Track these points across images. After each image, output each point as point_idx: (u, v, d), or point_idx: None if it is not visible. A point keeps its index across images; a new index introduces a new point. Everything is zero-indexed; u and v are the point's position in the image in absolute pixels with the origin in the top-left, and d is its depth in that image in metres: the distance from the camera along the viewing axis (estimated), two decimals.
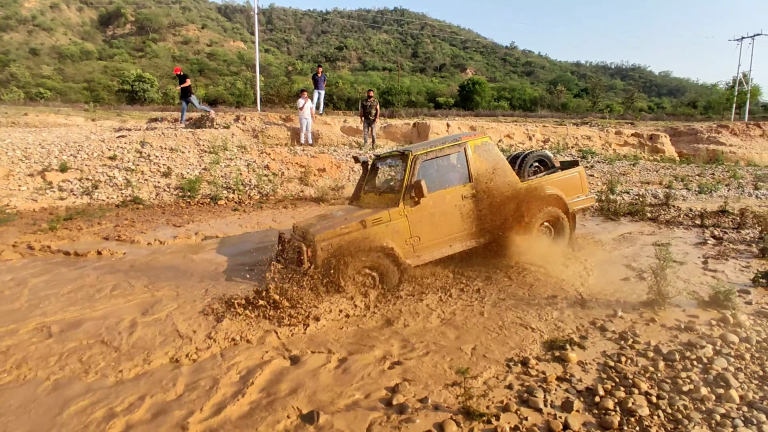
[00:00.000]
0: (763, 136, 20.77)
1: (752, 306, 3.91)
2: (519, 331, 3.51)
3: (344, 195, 10.29)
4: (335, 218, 4.93)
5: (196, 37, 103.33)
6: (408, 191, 4.73)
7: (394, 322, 3.79)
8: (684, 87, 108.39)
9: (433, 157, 5.03)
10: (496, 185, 5.18)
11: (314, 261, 4.38)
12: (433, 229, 4.90)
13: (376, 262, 4.55)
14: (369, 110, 13.99)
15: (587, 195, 6.16)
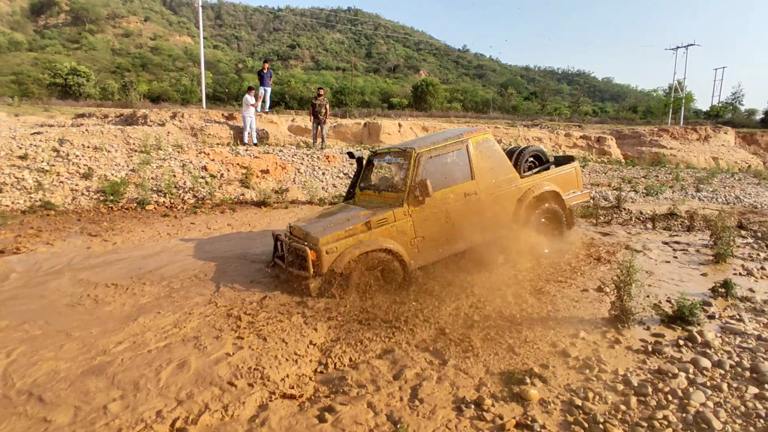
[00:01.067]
0: (699, 139, 21.86)
1: (716, 321, 3.66)
2: (471, 362, 3.04)
3: (288, 198, 9.61)
4: (336, 219, 4.68)
5: (138, 30, 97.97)
6: (412, 190, 4.57)
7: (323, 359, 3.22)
8: (625, 92, 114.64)
9: (437, 154, 4.86)
10: (498, 182, 5.15)
11: (320, 265, 4.17)
12: (438, 228, 4.77)
13: (381, 264, 4.38)
14: (319, 109, 13.33)
15: (582, 191, 6.13)
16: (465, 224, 4.89)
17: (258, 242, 6.33)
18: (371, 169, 5.75)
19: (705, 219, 7.91)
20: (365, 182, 5.67)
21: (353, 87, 57.62)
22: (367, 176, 5.72)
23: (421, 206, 4.64)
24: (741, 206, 10.05)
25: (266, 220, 8.01)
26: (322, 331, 3.54)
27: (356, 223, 4.41)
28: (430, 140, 5.14)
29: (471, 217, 4.91)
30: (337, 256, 4.22)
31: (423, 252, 4.71)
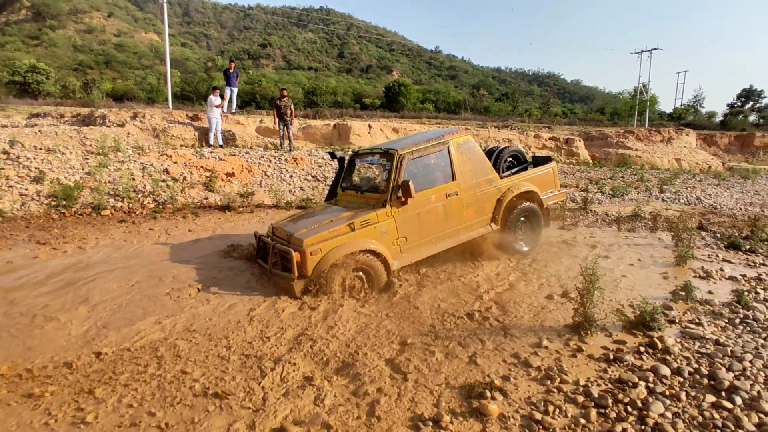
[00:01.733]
0: (663, 141, 22.56)
1: (676, 325, 3.67)
2: (432, 376, 2.93)
3: (254, 202, 9.34)
4: (319, 220, 4.69)
5: (101, 26, 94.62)
6: (395, 191, 4.61)
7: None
8: (593, 94, 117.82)
9: (419, 155, 4.92)
10: (478, 183, 5.27)
11: (304, 267, 4.16)
12: (420, 229, 4.84)
13: (365, 265, 4.40)
14: (284, 110, 13.07)
15: (559, 190, 6.30)
16: (446, 224, 5.01)
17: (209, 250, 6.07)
18: (353, 170, 5.78)
19: (667, 220, 8.09)
20: (347, 182, 5.69)
21: (325, 87, 57.24)
22: (349, 176, 5.74)
23: (403, 207, 4.69)
24: (702, 207, 10.35)
25: (230, 224, 7.75)
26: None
27: (340, 224, 4.43)
28: (412, 141, 5.15)
29: (452, 217, 5.04)
30: (322, 258, 4.22)
31: (405, 252, 4.76)
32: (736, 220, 8.73)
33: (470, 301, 4.21)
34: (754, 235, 6.85)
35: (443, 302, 4.17)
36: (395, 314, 3.92)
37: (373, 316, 3.88)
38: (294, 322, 3.74)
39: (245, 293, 4.37)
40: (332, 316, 3.83)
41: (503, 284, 4.70)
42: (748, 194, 12.49)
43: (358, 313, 3.94)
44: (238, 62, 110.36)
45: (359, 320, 3.79)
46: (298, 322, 3.75)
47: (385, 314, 3.90)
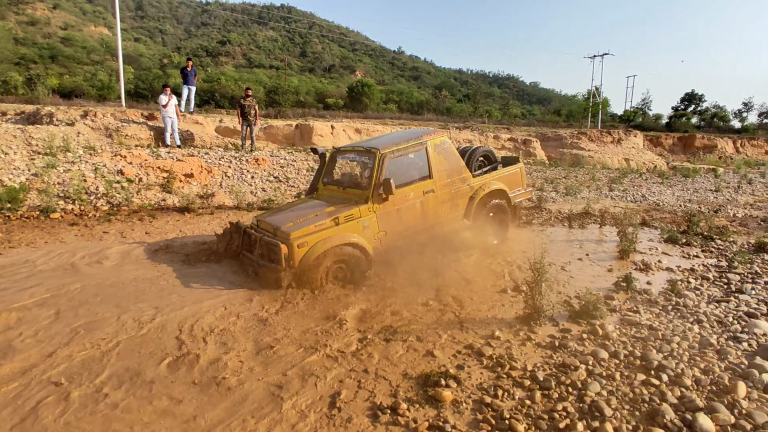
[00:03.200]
0: (613, 142, 23.72)
1: (617, 313, 3.97)
2: (391, 368, 3.06)
3: (214, 203, 9.21)
4: (304, 213, 4.91)
5: (46, 18, 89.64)
6: (377, 188, 4.88)
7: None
8: (551, 96, 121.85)
9: (399, 154, 5.21)
10: (453, 181, 5.64)
11: (291, 259, 4.36)
12: (399, 224, 5.13)
13: (348, 257, 4.64)
14: (248, 110, 12.89)
15: (526, 189, 6.79)
16: (423, 220, 5.36)
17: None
18: (334, 166, 6.05)
19: (614, 217, 8.59)
20: (328, 177, 5.95)
21: (287, 86, 56.54)
22: (330, 172, 6.00)
23: (384, 203, 4.96)
24: (646, 204, 11.02)
25: (190, 227, 7.62)
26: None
27: (325, 218, 4.66)
28: (393, 141, 5.46)
29: (429, 213, 5.40)
30: (308, 250, 4.44)
31: (386, 246, 5.05)
32: (676, 216, 9.38)
33: (430, 297, 4.37)
34: (690, 230, 7.40)
35: (403, 299, 4.31)
36: (360, 313, 4.02)
37: (337, 313, 3.97)
38: (250, 325, 3.78)
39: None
40: (291, 311, 3.91)
41: (461, 281, 4.90)
42: (688, 192, 13.38)
43: (320, 309, 4.02)
44: (196, 59, 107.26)
45: (321, 315, 3.87)
46: (254, 324, 3.79)
47: (351, 313, 3.99)
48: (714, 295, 4.35)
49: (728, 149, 28.99)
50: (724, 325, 3.62)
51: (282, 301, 4.18)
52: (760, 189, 15.02)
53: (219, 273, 4.99)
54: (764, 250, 6.20)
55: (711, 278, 4.97)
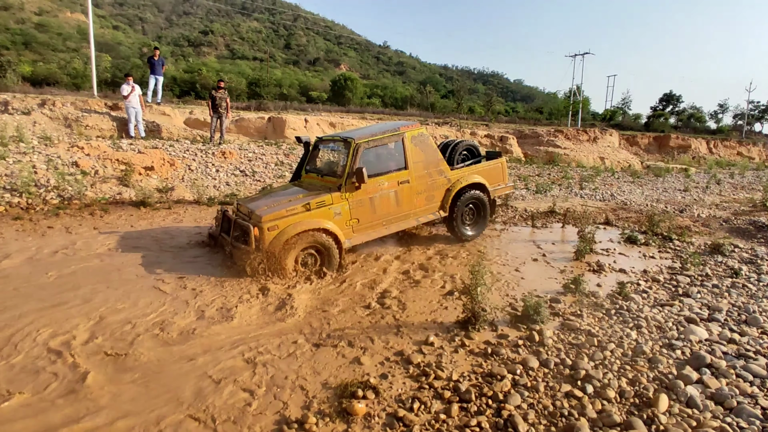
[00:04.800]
0: (589, 140, 23.88)
1: (559, 317, 3.87)
2: (311, 377, 2.90)
3: (174, 197, 8.91)
4: (279, 199, 5.07)
5: (19, 3, 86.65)
6: (350, 177, 5.04)
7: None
8: (534, 94, 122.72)
9: (374, 145, 5.36)
10: (429, 173, 5.78)
11: (261, 242, 4.52)
12: (371, 212, 5.28)
13: (319, 243, 4.79)
14: (219, 102, 12.55)
15: (507, 183, 6.91)
16: (398, 209, 5.52)
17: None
18: (316, 154, 6.23)
19: (579, 216, 8.56)
20: (311, 165, 6.16)
21: (269, 79, 55.77)
22: (312, 160, 6.21)
23: (357, 191, 5.12)
24: (614, 203, 11.04)
25: (144, 222, 7.33)
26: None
27: (297, 204, 4.81)
28: (370, 132, 5.62)
29: (403, 203, 5.55)
30: (278, 234, 4.59)
31: (357, 233, 5.20)
32: (641, 216, 9.40)
33: (373, 299, 4.22)
34: (650, 230, 7.40)
35: (345, 301, 4.16)
36: (300, 319, 3.85)
37: (278, 317, 3.79)
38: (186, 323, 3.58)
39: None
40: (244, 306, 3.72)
41: (409, 281, 4.77)
42: (657, 191, 13.50)
43: (263, 310, 3.84)
44: (177, 49, 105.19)
45: (262, 317, 3.69)
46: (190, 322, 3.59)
47: (297, 313, 3.81)
48: (660, 299, 4.29)
49: (702, 149, 29.49)
50: (662, 331, 3.54)
51: (237, 297, 3.99)
52: (727, 189, 15.26)
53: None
54: (719, 252, 6.20)
55: (661, 280, 4.92)
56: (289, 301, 4.04)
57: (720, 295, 4.36)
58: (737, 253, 6.26)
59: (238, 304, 3.93)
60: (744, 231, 8.56)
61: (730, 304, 4.04)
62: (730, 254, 6.14)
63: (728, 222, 9.37)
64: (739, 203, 12.55)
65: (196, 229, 6.84)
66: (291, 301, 4.03)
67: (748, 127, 53.94)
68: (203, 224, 7.16)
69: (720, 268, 5.46)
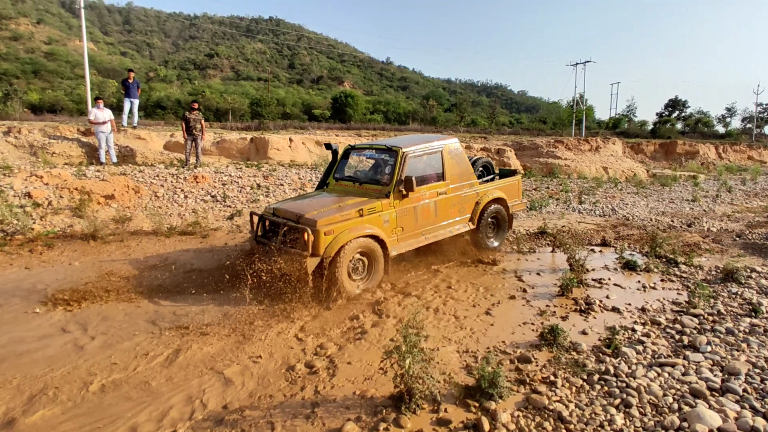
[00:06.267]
0: (591, 150, 22.96)
1: (525, 387, 3.01)
2: None
3: (130, 228, 8.20)
4: (324, 203, 5.09)
5: (29, 33, 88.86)
6: (398, 185, 5.10)
7: None
8: (538, 105, 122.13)
9: (419, 155, 5.47)
10: (462, 185, 5.99)
11: (317, 245, 4.43)
12: (414, 221, 5.33)
13: (368, 249, 4.79)
14: (194, 125, 11.96)
15: (521, 200, 7.21)
16: (435, 219, 5.61)
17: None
18: (346, 162, 6.20)
19: (572, 237, 7.68)
20: (340, 173, 6.08)
21: (269, 98, 55.90)
22: (342, 168, 6.15)
23: (403, 200, 5.20)
24: (615, 218, 10.14)
25: (89, 258, 6.60)
26: None
27: (350, 209, 4.80)
28: (412, 142, 5.70)
29: (440, 213, 5.67)
30: (333, 239, 4.50)
31: (401, 242, 5.23)
32: (644, 233, 8.50)
33: (301, 358, 3.42)
34: (653, 252, 6.51)
35: (265, 362, 3.35)
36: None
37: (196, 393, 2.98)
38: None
39: None
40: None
41: (354, 330, 3.96)
42: (663, 203, 12.54)
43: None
44: (184, 72, 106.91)
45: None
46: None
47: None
48: (659, 353, 3.40)
49: (710, 155, 28.35)
50: (658, 413, 2.66)
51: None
52: (739, 197, 14.23)
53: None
54: (733, 279, 5.29)
55: (662, 323, 4.03)
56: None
57: (736, 347, 3.45)
58: (755, 279, 5.33)
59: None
60: (761, 247, 7.62)
61: (750, 364, 3.13)
62: (746, 282, 5.22)
63: (742, 236, 8.42)
64: (753, 213, 11.56)
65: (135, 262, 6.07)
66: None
67: (758, 130, 52.60)
68: (149, 256, 6.39)
69: (735, 303, 4.55)
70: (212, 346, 3.60)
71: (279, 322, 4.08)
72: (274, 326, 3.98)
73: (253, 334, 3.82)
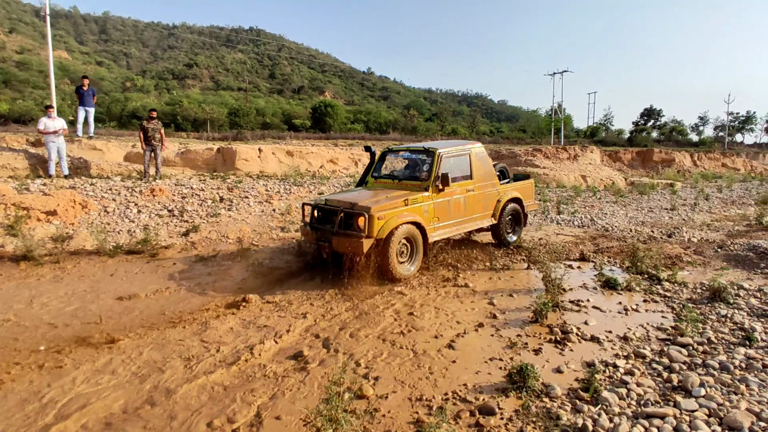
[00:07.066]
0: (570, 158, 22.85)
1: None
2: None
3: (71, 247, 7.44)
4: (372, 195, 5.80)
5: (1, 43, 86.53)
6: (435, 181, 5.87)
7: None
8: (518, 114, 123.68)
9: (452, 156, 6.26)
10: (486, 185, 6.77)
11: (370, 228, 5.12)
12: (448, 213, 6.10)
13: (411, 235, 5.53)
14: (152, 134, 11.24)
15: (534, 201, 8.05)
16: (464, 213, 6.39)
17: None
18: (383, 164, 7.14)
19: (550, 250, 7.23)
20: (378, 173, 6.95)
21: (248, 108, 55.14)
22: (379, 168, 7.02)
23: (440, 193, 5.97)
24: (594, 229, 9.75)
25: (10, 284, 5.86)
26: None
27: (397, 199, 5.55)
28: (445, 145, 6.60)
29: (469, 208, 6.45)
30: (384, 223, 5.23)
31: (436, 231, 5.98)
32: (624, 244, 8.10)
33: (239, 413, 2.80)
34: (634, 267, 6.07)
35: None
36: None
37: None
38: None
39: None
40: None
41: (295, 368, 3.36)
42: (642, 212, 12.26)
43: None
44: (162, 82, 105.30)
45: None
46: None
47: None
48: (646, 399, 2.88)
49: (686, 163, 28.60)
50: None
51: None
52: (717, 205, 14.09)
53: None
54: (721, 298, 4.85)
55: (648, 356, 3.52)
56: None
57: (734, 389, 2.93)
58: (743, 298, 4.91)
59: None
60: (744, 259, 7.27)
61: (753, 414, 2.60)
62: (734, 301, 4.78)
63: (723, 247, 8.09)
64: (731, 221, 11.33)
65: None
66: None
67: (730, 138, 53.83)
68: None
69: (725, 328, 4.08)
70: None
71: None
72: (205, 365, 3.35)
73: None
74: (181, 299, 5.23)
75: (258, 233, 8.85)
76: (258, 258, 6.68)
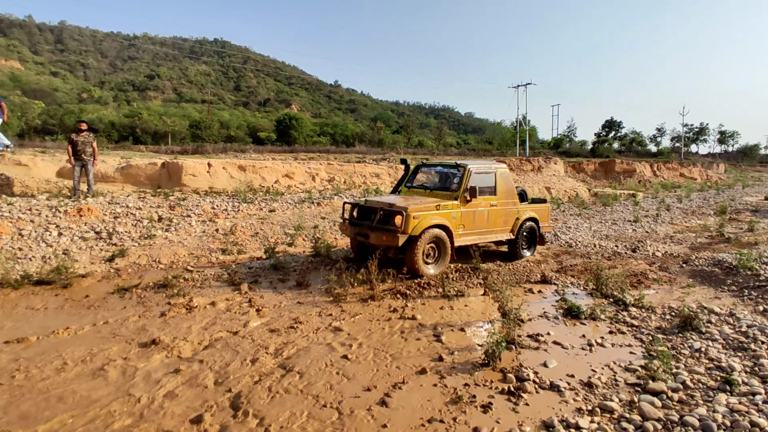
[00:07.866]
0: (534, 170, 22.80)
1: None
2: None
3: None
4: (407, 199, 6.76)
5: None
6: (464, 192, 6.66)
7: None
8: (485, 126, 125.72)
9: (480, 172, 7.03)
10: (507, 202, 7.40)
11: (406, 225, 5.90)
12: (473, 222, 6.82)
13: (439, 238, 6.28)
14: (82, 148, 10.20)
15: (549, 223, 8.41)
16: (487, 224, 6.99)
17: None
18: (415, 176, 7.88)
19: (509, 271, 6.69)
20: (410, 183, 7.75)
21: (210, 121, 53.66)
22: (412, 179, 7.82)
23: (467, 204, 6.67)
24: (558, 245, 9.34)
25: None
26: None
27: (430, 204, 6.35)
28: (475, 162, 7.35)
29: (491, 221, 7.05)
30: (417, 223, 5.99)
31: (461, 237, 6.61)
32: (589, 261, 7.69)
33: None
34: (597, 291, 5.59)
35: None
36: None
37: None
38: None
39: None
40: None
41: (227, 414, 2.60)
42: (606, 224, 12.01)
43: None
44: (121, 93, 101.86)
45: None
46: None
47: None
48: None
49: (647, 173, 29.22)
50: None
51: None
52: (678, 216, 14.07)
53: None
54: (692, 327, 4.38)
55: (617, 412, 2.95)
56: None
57: None
58: (716, 326, 4.46)
59: None
60: (709, 276, 6.95)
61: None
62: (707, 330, 4.32)
63: (688, 262, 7.79)
64: (693, 232, 11.21)
65: None
66: None
67: (685, 148, 55.99)
68: None
69: (701, 367, 3.58)
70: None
71: None
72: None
73: None
74: (79, 341, 4.35)
75: (195, 256, 8.00)
76: (186, 287, 5.86)
